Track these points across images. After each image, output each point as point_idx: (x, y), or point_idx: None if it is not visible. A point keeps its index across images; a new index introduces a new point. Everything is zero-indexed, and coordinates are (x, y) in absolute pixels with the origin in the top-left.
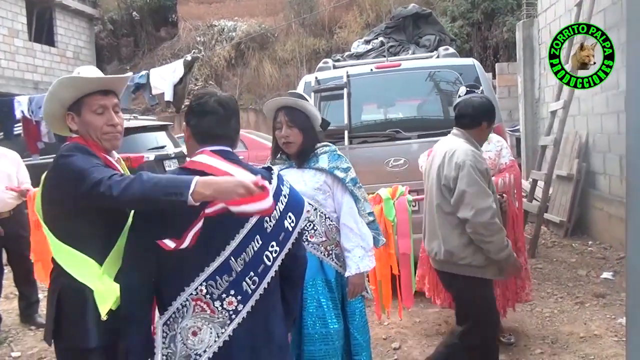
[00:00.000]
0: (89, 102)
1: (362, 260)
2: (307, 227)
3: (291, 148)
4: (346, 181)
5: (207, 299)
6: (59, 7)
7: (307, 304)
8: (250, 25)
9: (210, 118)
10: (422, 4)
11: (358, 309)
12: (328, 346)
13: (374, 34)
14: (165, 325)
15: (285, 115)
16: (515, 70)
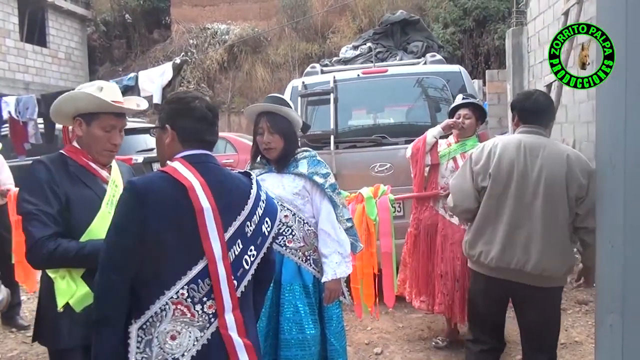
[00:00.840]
0: (102, 119)
1: (339, 266)
2: (285, 232)
3: (272, 153)
4: (325, 187)
5: (187, 303)
6: (52, 7)
7: (284, 309)
8: (243, 29)
9: (200, 124)
10: (414, 10)
11: (335, 315)
12: (304, 352)
13: (362, 39)
14: (141, 330)
15: (268, 121)
16: (505, 77)
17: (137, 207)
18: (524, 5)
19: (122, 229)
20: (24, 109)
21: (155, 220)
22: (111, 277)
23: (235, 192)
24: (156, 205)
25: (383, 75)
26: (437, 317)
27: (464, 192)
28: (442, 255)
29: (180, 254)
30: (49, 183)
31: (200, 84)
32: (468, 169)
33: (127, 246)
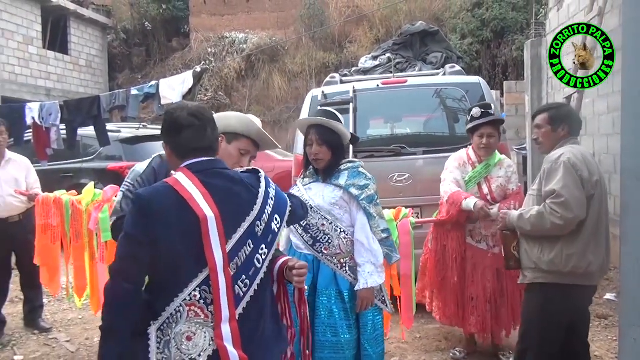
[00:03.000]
0: (242, 141)
1: (371, 276)
2: (322, 240)
3: (320, 164)
4: (360, 198)
5: (200, 304)
6: (74, 15)
7: (320, 312)
8: (261, 38)
9: (187, 132)
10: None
11: (371, 321)
12: (338, 355)
13: (381, 50)
14: (159, 331)
15: (317, 134)
16: (523, 89)
17: (144, 218)
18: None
19: (133, 239)
20: (47, 115)
21: (163, 229)
22: (123, 287)
23: (243, 194)
24: (162, 215)
25: (402, 85)
26: (454, 328)
27: (581, 201)
28: (473, 279)
29: (190, 258)
30: None
31: (218, 92)
32: (576, 177)
33: (138, 256)
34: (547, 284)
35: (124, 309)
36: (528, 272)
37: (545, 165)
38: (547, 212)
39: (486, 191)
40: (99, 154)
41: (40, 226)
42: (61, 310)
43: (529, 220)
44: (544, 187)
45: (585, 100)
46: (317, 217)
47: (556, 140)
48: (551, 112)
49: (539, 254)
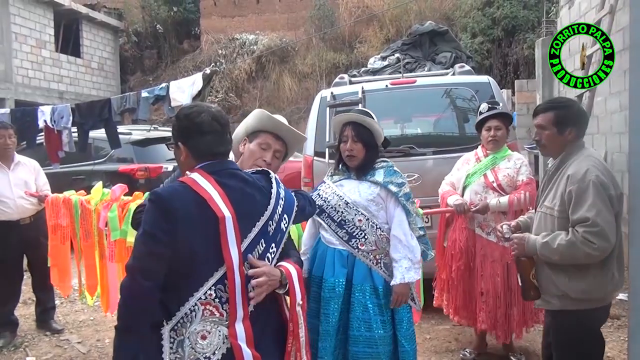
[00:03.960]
0: (261, 136)
1: (408, 272)
2: (358, 236)
3: (353, 161)
4: (399, 195)
5: (215, 303)
6: (86, 19)
7: (354, 307)
8: (271, 39)
9: (209, 137)
10: (442, 20)
11: (406, 318)
12: (372, 349)
13: (390, 50)
14: (173, 331)
15: (352, 130)
16: (534, 88)
17: (163, 216)
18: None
19: (151, 237)
20: (59, 117)
21: (182, 228)
22: (143, 284)
23: (256, 195)
24: (181, 214)
25: (411, 85)
26: (464, 329)
27: (613, 226)
28: (482, 273)
29: (206, 257)
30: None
31: (229, 93)
32: (606, 198)
33: (157, 253)
34: (579, 310)
35: (142, 308)
36: (554, 300)
37: (571, 186)
38: (580, 242)
39: (492, 179)
40: (111, 156)
41: (50, 227)
42: (73, 311)
43: (558, 250)
44: (573, 212)
45: (597, 99)
46: (354, 213)
47: (563, 144)
48: (558, 112)
49: (568, 282)
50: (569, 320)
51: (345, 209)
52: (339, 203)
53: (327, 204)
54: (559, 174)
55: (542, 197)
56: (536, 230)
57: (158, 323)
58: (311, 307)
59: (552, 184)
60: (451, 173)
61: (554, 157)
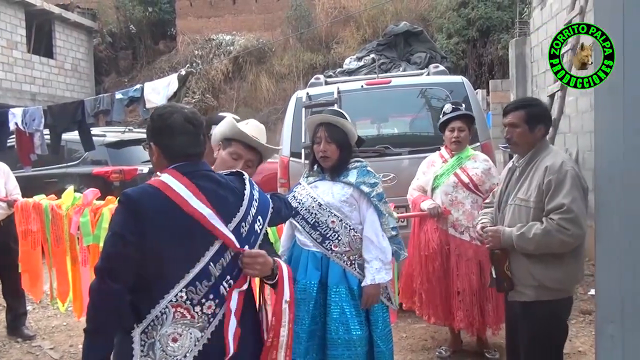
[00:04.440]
0: (235, 146)
1: (378, 272)
2: (332, 237)
3: (327, 162)
4: (371, 196)
5: (187, 305)
6: (59, 19)
7: (331, 310)
8: (248, 40)
9: (182, 138)
10: (418, 21)
11: (381, 318)
12: (350, 351)
13: (365, 50)
14: (143, 334)
15: (325, 131)
16: (508, 87)
17: (132, 217)
18: (527, 16)
19: (120, 238)
20: (31, 120)
21: (151, 229)
22: (112, 286)
23: (229, 196)
24: (151, 215)
25: (386, 86)
26: (440, 327)
27: (585, 214)
28: (458, 272)
29: (177, 258)
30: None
31: (205, 94)
32: (581, 189)
33: (126, 255)
34: (553, 300)
35: (111, 310)
36: (529, 290)
37: (550, 175)
38: (555, 229)
39: (467, 180)
40: (84, 159)
41: (20, 232)
42: (45, 317)
43: (533, 240)
44: (549, 200)
45: (568, 98)
46: (327, 215)
47: (533, 141)
48: (529, 110)
49: (545, 272)
50: (542, 311)
51: (319, 210)
52: (312, 205)
53: (301, 205)
54: (530, 168)
55: (512, 190)
56: (510, 223)
57: (128, 326)
58: None
59: (524, 178)
60: (417, 177)
61: (524, 154)
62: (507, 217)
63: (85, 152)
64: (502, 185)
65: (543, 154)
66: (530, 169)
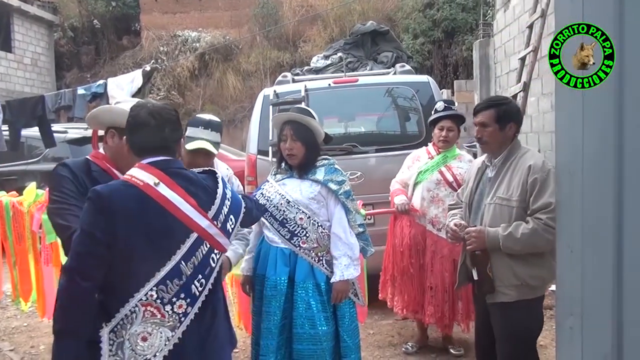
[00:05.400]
0: None
1: (347, 269)
2: (300, 234)
3: (294, 160)
4: (339, 193)
5: (157, 304)
6: (18, 12)
7: (297, 305)
8: (214, 37)
9: (142, 131)
10: (384, 21)
11: (348, 313)
12: (316, 346)
13: (333, 49)
14: (112, 333)
15: (291, 129)
16: (472, 88)
17: (102, 215)
18: (490, 18)
19: (90, 236)
20: None
21: (121, 226)
22: (80, 285)
23: (201, 194)
24: (121, 212)
25: (354, 84)
26: (407, 323)
27: None
28: (432, 268)
29: (148, 256)
30: (74, 182)
31: (171, 91)
32: None
33: (96, 253)
34: (533, 299)
35: (81, 309)
36: (511, 290)
37: (535, 174)
38: (542, 229)
39: (451, 179)
40: (45, 156)
41: None
42: (5, 318)
43: (521, 240)
44: (535, 199)
45: (530, 99)
46: (295, 212)
47: (504, 140)
48: (499, 109)
49: (528, 270)
50: (523, 309)
51: (287, 207)
52: (281, 202)
53: (269, 202)
54: (508, 166)
55: (486, 190)
56: (491, 223)
57: (96, 325)
58: (255, 304)
59: (501, 177)
60: (401, 171)
61: (494, 153)
62: (486, 217)
63: (46, 148)
64: (472, 184)
65: (519, 152)
66: (508, 167)
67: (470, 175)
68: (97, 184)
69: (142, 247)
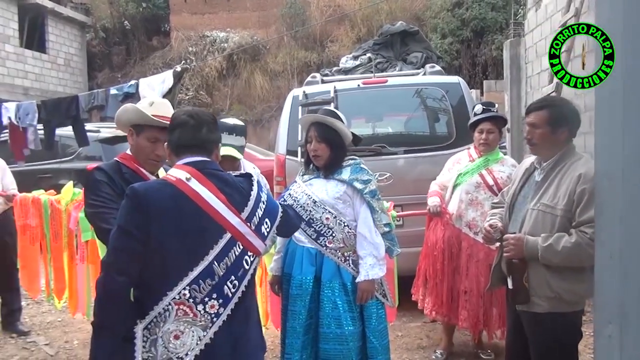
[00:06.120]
0: (147, 131)
1: (372, 268)
2: (326, 234)
3: (319, 161)
4: (364, 192)
5: (189, 303)
6: (51, 14)
7: (324, 305)
8: (242, 37)
9: (180, 130)
10: (412, 21)
11: (375, 314)
12: (342, 346)
13: (362, 50)
14: (146, 330)
15: (316, 131)
16: (502, 88)
17: (138, 213)
18: (521, 17)
19: (126, 233)
20: (24, 114)
21: (156, 224)
22: (115, 280)
23: (235, 195)
24: (157, 210)
25: (383, 85)
26: (435, 326)
27: None
28: (467, 272)
29: (182, 255)
30: (110, 185)
31: (199, 91)
32: None
33: (131, 249)
34: (568, 312)
35: (116, 303)
36: (543, 302)
37: (584, 185)
38: (586, 244)
39: (491, 182)
40: (78, 154)
41: (19, 227)
42: (40, 313)
43: (562, 253)
44: (582, 211)
45: None
46: (321, 211)
47: (555, 144)
48: (552, 111)
49: (563, 284)
50: (556, 323)
51: (313, 207)
52: (307, 202)
53: (296, 202)
54: (557, 172)
55: (530, 194)
56: (531, 230)
57: (132, 321)
58: (282, 303)
59: (548, 182)
60: (442, 173)
61: (544, 156)
62: (527, 223)
63: (80, 147)
64: (516, 185)
65: (571, 159)
66: (557, 173)
67: (517, 175)
68: (130, 184)
69: (175, 245)
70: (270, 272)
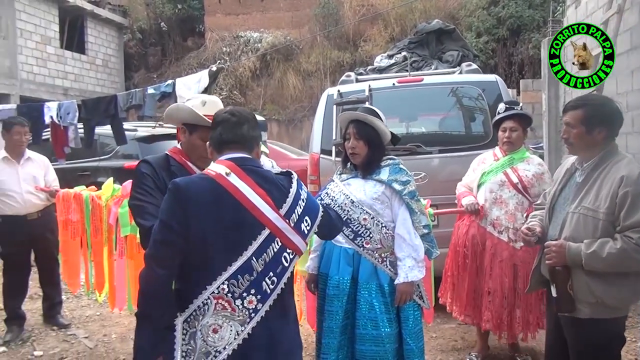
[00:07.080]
0: (200, 131)
1: (411, 270)
2: (364, 234)
3: (356, 159)
4: (403, 193)
5: (228, 298)
6: (90, 15)
7: (360, 306)
8: (275, 37)
9: (221, 127)
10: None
11: (412, 316)
12: (379, 347)
13: (397, 48)
14: (186, 323)
15: (354, 128)
16: (539, 87)
17: (179, 207)
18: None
19: (167, 226)
20: (65, 114)
21: (197, 218)
22: (156, 272)
23: (274, 191)
24: (198, 204)
25: (418, 84)
26: (470, 328)
27: None
28: (491, 272)
29: (221, 249)
30: (153, 178)
31: (233, 91)
32: None
33: (172, 242)
34: (610, 318)
35: (156, 295)
36: (584, 307)
37: (627, 187)
38: (633, 249)
39: (516, 180)
40: (116, 153)
41: (61, 222)
42: (79, 306)
43: (607, 260)
44: (627, 216)
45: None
46: (359, 212)
47: (592, 144)
48: (587, 110)
49: (606, 289)
50: (597, 329)
51: (351, 207)
52: (345, 202)
53: (334, 202)
54: (598, 173)
55: (571, 195)
56: (573, 234)
57: (172, 314)
58: (319, 303)
59: (590, 184)
60: (467, 174)
61: (584, 156)
62: (568, 227)
63: (118, 145)
64: (557, 186)
65: (613, 160)
66: (598, 174)
67: (558, 176)
68: (176, 177)
69: (215, 239)
70: (307, 270)
